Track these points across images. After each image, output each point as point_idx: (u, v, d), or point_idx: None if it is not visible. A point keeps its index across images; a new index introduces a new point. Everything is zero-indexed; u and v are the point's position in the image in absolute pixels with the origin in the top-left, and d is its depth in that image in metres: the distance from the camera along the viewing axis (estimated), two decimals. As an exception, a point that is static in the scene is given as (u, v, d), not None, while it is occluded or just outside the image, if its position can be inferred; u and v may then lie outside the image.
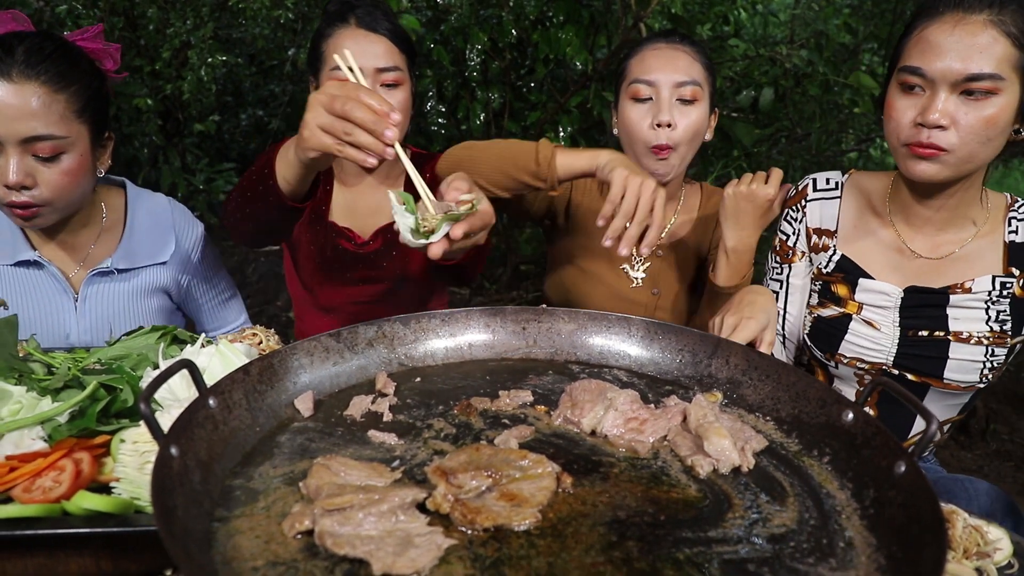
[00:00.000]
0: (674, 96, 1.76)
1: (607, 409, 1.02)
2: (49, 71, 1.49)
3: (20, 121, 1.46)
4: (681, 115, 1.77)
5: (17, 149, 1.48)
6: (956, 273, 1.50)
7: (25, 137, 1.47)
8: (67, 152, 1.53)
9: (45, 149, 1.50)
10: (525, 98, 3.58)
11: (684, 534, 0.80)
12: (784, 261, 1.70)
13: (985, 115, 1.32)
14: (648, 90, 1.77)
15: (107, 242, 1.77)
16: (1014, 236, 1.49)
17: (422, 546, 0.73)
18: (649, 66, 1.78)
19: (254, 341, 1.37)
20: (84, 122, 1.56)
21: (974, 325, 1.47)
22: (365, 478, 0.85)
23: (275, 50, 4.39)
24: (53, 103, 1.49)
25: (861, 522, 0.84)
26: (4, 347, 1.22)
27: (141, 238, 1.79)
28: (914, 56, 1.38)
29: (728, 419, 1.02)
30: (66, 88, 1.51)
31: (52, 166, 1.52)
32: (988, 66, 1.30)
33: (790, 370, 1.08)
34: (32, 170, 1.51)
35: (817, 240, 1.65)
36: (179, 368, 0.88)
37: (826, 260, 1.62)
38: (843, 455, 0.94)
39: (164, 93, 3.45)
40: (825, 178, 1.68)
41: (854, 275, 1.57)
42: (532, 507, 0.81)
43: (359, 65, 1.76)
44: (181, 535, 0.69)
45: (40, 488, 0.97)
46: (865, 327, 1.55)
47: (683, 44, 1.81)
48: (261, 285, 4.75)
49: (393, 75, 1.76)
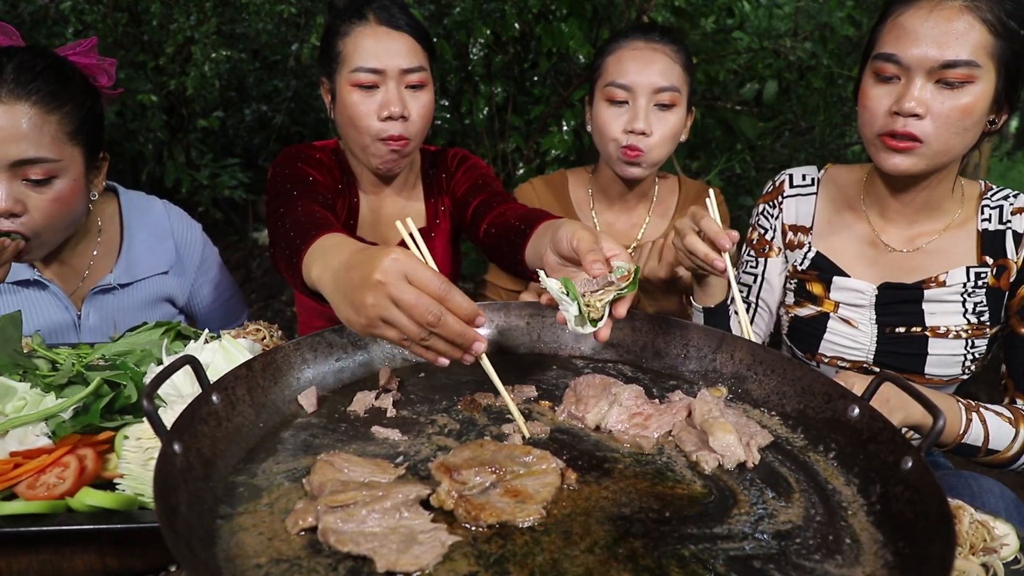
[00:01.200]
0: (651, 102, 1.72)
1: (611, 404, 1.02)
2: (41, 90, 1.40)
3: (9, 144, 1.36)
4: (657, 121, 1.72)
5: (6, 174, 1.38)
6: (930, 266, 1.49)
7: (15, 160, 1.37)
8: (59, 176, 1.44)
9: (36, 173, 1.40)
10: (528, 92, 3.57)
11: (689, 530, 0.80)
12: (760, 255, 1.68)
13: (961, 104, 1.30)
14: (624, 94, 1.73)
15: (106, 257, 1.71)
16: (987, 224, 1.48)
17: (426, 543, 0.73)
18: (626, 68, 1.73)
19: (257, 337, 1.36)
20: (77, 144, 1.47)
21: (951, 319, 1.46)
22: (369, 474, 0.84)
23: (278, 45, 4.39)
24: (45, 124, 1.40)
25: (867, 518, 0.83)
26: (8, 343, 1.22)
27: (140, 250, 1.73)
28: (888, 43, 1.36)
29: (733, 414, 1.01)
30: (59, 108, 1.42)
31: (44, 191, 1.42)
32: (964, 52, 1.28)
33: (795, 365, 1.07)
34: (22, 196, 1.41)
35: (793, 237, 1.63)
36: (182, 364, 0.88)
37: (801, 257, 1.60)
38: (849, 450, 0.93)
39: (168, 89, 3.45)
40: (801, 174, 1.67)
41: (828, 273, 1.56)
42: (536, 503, 0.81)
43: (382, 67, 1.64)
44: (184, 532, 0.69)
45: (44, 484, 0.97)
46: (843, 325, 1.54)
47: (662, 43, 1.75)
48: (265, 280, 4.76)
49: (419, 76, 1.64)
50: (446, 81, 3.36)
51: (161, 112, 3.67)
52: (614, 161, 1.79)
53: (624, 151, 1.74)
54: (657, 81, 1.71)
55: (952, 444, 1.36)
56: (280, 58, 4.67)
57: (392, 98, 1.61)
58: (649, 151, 1.73)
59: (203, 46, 3.18)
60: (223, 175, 4.17)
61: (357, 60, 1.60)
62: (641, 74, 1.71)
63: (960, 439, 1.34)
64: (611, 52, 1.79)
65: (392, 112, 1.60)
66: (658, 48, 1.74)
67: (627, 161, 1.76)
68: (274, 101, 4.98)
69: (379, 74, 1.60)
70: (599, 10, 3.22)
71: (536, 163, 3.51)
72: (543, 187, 2.02)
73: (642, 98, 1.71)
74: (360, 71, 1.60)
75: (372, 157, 1.68)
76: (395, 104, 1.60)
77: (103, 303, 1.69)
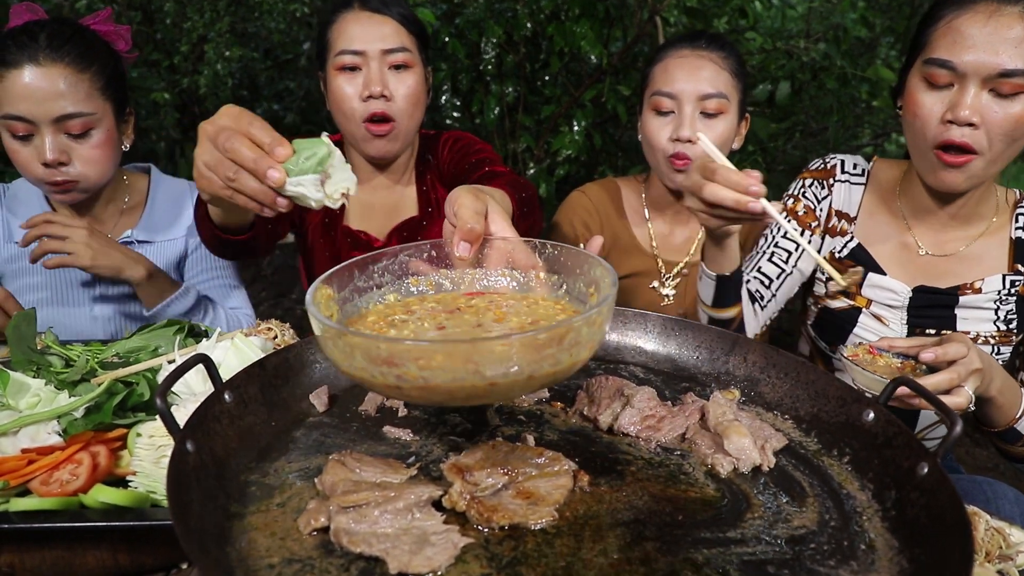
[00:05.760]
0: (697, 110, 1.69)
1: (624, 406, 1.01)
2: (71, 53, 1.59)
3: (51, 101, 1.57)
4: (705, 128, 1.69)
5: (50, 128, 1.59)
6: (963, 272, 1.48)
7: (57, 116, 1.58)
8: (96, 128, 1.65)
9: (76, 126, 1.61)
10: (539, 92, 3.56)
11: (703, 534, 0.79)
12: (804, 227, 1.63)
13: (1014, 113, 1.27)
14: (670, 103, 1.71)
15: (130, 218, 1.91)
16: (1021, 232, 1.46)
17: (438, 544, 0.72)
18: (672, 77, 1.71)
19: (269, 335, 1.37)
20: (108, 99, 1.67)
21: (982, 326, 1.45)
22: (380, 474, 0.84)
23: (290, 44, 4.41)
24: (79, 82, 1.60)
25: (883, 524, 0.82)
26: (23, 340, 1.23)
27: (160, 214, 1.93)
28: (942, 48, 1.31)
29: (747, 417, 1.01)
30: (88, 68, 1.62)
31: (83, 142, 1.64)
32: (1022, 62, 1.25)
33: (809, 368, 1.06)
34: (66, 147, 1.62)
35: (836, 222, 1.61)
36: (195, 363, 0.88)
37: (841, 245, 1.58)
38: (863, 455, 0.93)
39: (181, 87, 3.47)
40: (852, 162, 1.64)
41: (866, 267, 1.54)
42: (548, 506, 0.80)
43: (364, 49, 1.66)
44: (196, 531, 0.69)
45: (58, 481, 0.97)
46: (874, 321, 1.53)
47: (709, 50, 1.72)
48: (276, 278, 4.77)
49: (401, 56, 1.67)
50: (457, 80, 3.36)
51: (174, 110, 3.69)
52: (663, 171, 1.77)
53: (672, 160, 1.72)
54: (703, 88, 1.68)
55: (1002, 427, 1.34)
56: (292, 57, 4.68)
57: (373, 77, 1.65)
58: (697, 160, 1.70)
59: (216, 45, 3.20)
60: (234, 173, 4.19)
61: (341, 44, 1.66)
62: (687, 82, 1.69)
63: (1013, 423, 1.32)
64: (658, 61, 1.77)
65: (373, 91, 1.64)
66: (704, 55, 1.72)
67: (675, 170, 1.73)
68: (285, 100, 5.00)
69: (360, 55, 1.65)
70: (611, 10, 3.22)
71: (546, 163, 3.51)
72: (600, 193, 1.98)
73: (688, 106, 1.69)
74: (343, 54, 1.65)
75: (361, 142, 1.72)
76: (376, 83, 1.64)
77: None
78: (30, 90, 1.55)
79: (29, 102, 1.56)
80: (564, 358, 0.74)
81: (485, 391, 0.72)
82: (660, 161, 1.76)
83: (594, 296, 0.90)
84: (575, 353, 0.75)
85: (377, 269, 0.96)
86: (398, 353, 0.70)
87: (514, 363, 0.71)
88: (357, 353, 0.72)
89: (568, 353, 0.74)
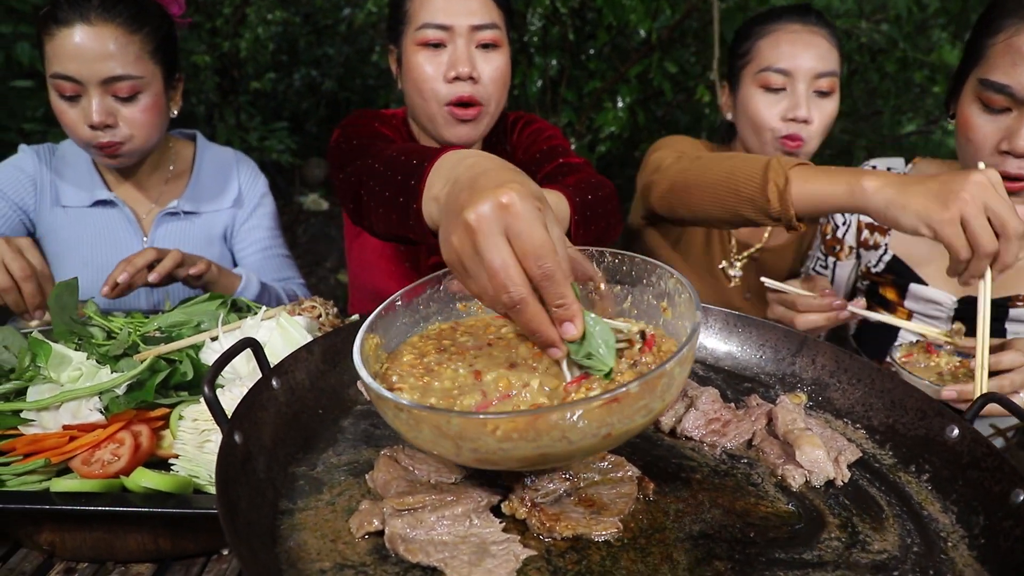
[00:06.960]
0: (811, 88, 1.61)
1: (688, 408, 0.96)
2: (123, 14, 1.57)
3: (100, 62, 1.54)
4: (816, 108, 1.61)
5: (98, 90, 1.56)
6: (1013, 283, 1.39)
7: (105, 78, 1.55)
8: (144, 92, 1.62)
9: (124, 89, 1.58)
10: (584, 66, 3.47)
11: (777, 555, 0.74)
12: (830, 254, 1.58)
13: None
14: (782, 80, 1.61)
15: (175, 187, 1.88)
16: None
17: (499, 556, 0.68)
18: (784, 52, 1.61)
19: (313, 314, 1.33)
20: (157, 63, 1.65)
21: None
22: (435, 473, 0.80)
23: (331, 9, 4.34)
24: (129, 44, 1.57)
25: (970, 552, 0.77)
26: (65, 310, 1.20)
27: (207, 183, 1.90)
28: (999, 69, 1.22)
29: (816, 425, 0.95)
30: (140, 30, 1.59)
31: (131, 106, 1.61)
32: None
33: (884, 375, 1.00)
34: (112, 110, 1.60)
35: (868, 236, 1.53)
36: (243, 348, 0.84)
37: (876, 259, 1.50)
38: (946, 474, 0.86)
39: (221, 51, 3.43)
40: (887, 166, 1.55)
41: (904, 278, 1.46)
42: (612, 515, 0.76)
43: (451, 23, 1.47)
44: (245, 531, 0.65)
45: (100, 461, 0.95)
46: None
47: (819, 26, 1.63)
48: (310, 246, 4.76)
49: (491, 34, 1.51)
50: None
51: (214, 74, 3.66)
52: (770, 152, 1.67)
53: (783, 141, 1.63)
54: (817, 66, 1.60)
55: None
56: (331, 23, 4.62)
57: (460, 57, 1.49)
58: (809, 140, 1.62)
59: (258, 8, 3.15)
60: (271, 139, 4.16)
61: (424, 17, 1.49)
62: (801, 58, 1.60)
63: None
64: (764, 35, 1.66)
65: (460, 72, 1.49)
66: (816, 31, 1.63)
67: (787, 151, 1.64)
68: (324, 66, 4.95)
69: (447, 30, 1.49)
70: (663, -17, 3.11)
71: (588, 139, 3.43)
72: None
73: (801, 84, 1.61)
74: (427, 27, 1.49)
75: (442, 127, 1.56)
76: (463, 64, 1.49)
77: (169, 229, 1.84)
78: (80, 50, 1.52)
79: (77, 62, 1.53)
80: (656, 405, 0.69)
81: (569, 454, 0.68)
82: (768, 141, 1.66)
83: (668, 311, 0.83)
84: (666, 396, 0.70)
85: (422, 300, 0.91)
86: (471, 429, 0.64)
87: (605, 425, 0.65)
88: (424, 428, 0.66)
89: (660, 399, 0.69)
